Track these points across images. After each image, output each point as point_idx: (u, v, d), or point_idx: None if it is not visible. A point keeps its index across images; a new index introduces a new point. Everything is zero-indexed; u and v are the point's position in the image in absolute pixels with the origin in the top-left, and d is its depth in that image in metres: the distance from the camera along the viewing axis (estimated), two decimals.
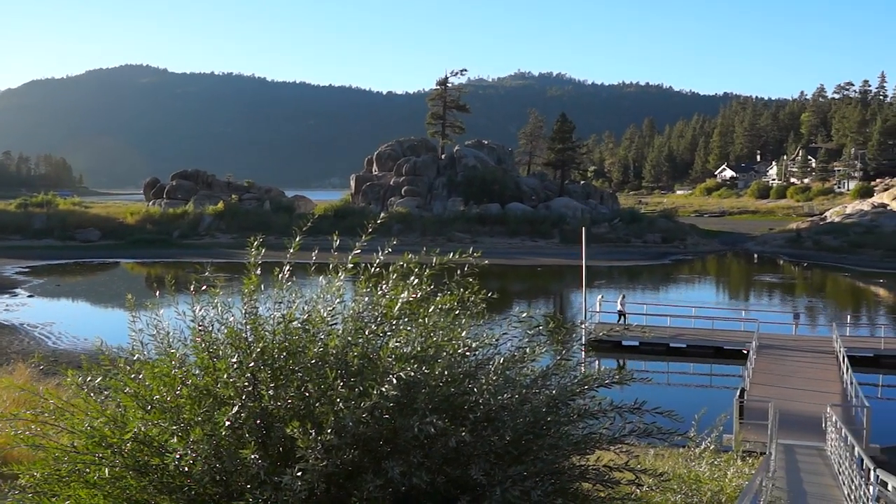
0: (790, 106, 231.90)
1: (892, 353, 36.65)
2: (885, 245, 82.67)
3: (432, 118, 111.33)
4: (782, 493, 15.01)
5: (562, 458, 6.22)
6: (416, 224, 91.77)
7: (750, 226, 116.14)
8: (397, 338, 6.30)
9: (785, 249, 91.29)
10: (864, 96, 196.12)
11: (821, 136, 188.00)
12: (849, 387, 27.83)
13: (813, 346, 37.32)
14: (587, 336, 30.22)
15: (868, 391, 28.38)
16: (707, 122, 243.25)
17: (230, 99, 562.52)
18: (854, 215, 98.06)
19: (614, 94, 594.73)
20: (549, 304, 59.48)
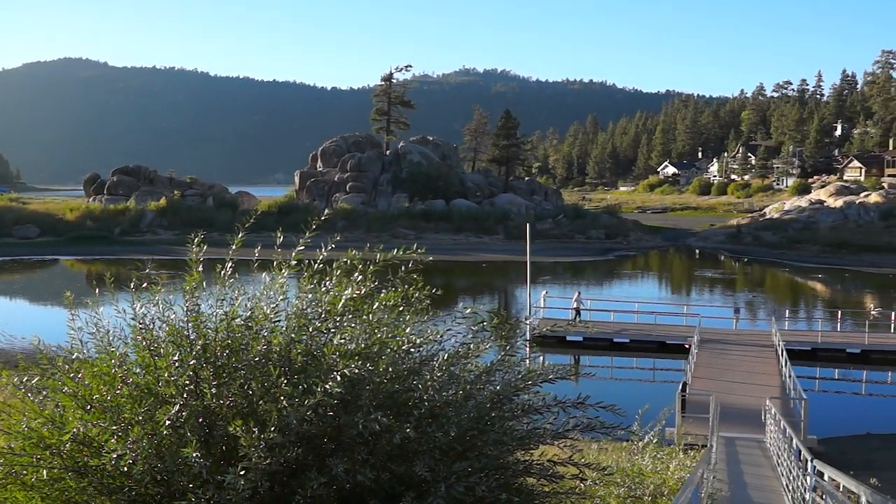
0: (731, 104, 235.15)
1: (829, 346, 37.40)
2: (821, 241, 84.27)
3: (377, 114, 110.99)
4: (723, 485, 15.22)
5: (506, 454, 6.25)
6: (360, 220, 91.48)
7: (692, 222, 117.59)
8: (341, 335, 6.27)
9: (726, 245, 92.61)
10: (801, 95, 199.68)
11: (760, 134, 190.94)
12: (787, 380, 28.33)
13: (753, 340, 37.94)
14: (532, 332, 30.41)
15: (806, 384, 28.91)
16: (650, 119, 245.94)
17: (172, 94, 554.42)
18: (792, 212, 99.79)
19: (559, 91, 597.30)
20: (494, 300, 59.69)
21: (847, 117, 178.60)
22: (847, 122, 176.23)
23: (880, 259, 75.61)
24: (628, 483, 10.65)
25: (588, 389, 7.04)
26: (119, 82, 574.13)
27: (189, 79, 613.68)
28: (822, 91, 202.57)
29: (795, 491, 14.16)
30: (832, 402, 32.08)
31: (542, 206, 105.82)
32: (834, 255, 79.03)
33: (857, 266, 73.87)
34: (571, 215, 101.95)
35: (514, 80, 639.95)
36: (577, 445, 7.03)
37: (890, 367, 36.31)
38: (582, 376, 6.96)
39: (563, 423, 6.56)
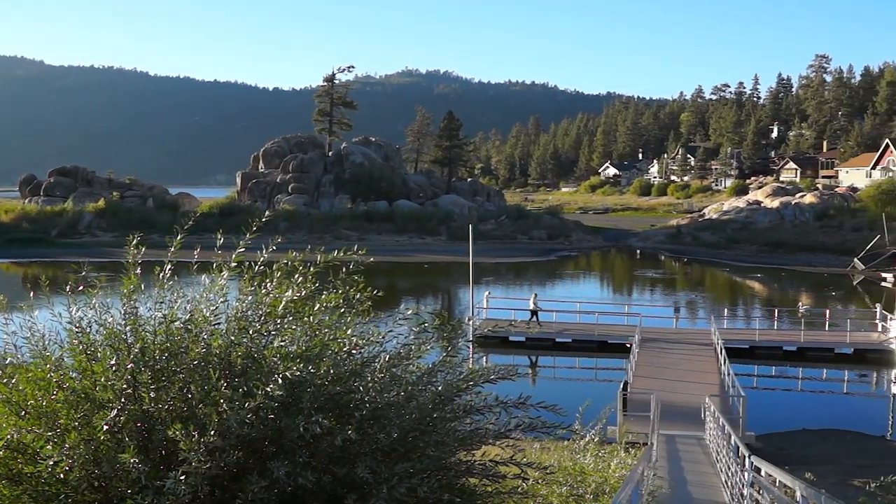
0: (670, 106, 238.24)
1: (766, 344, 38.06)
2: (759, 241, 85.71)
3: (319, 115, 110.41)
4: (664, 482, 15.40)
5: (448, 454, 6.26)
6: (303, 222, 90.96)
7: (632, 222, 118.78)
8: (282, 337, 6.23)
9: (666, 245, 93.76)
10: (739, 98, 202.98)
11: (699, 136, 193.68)
12: (726, 377, 28.75)
13: (692, 339, 38.47)
14: (474, 332, 30.48)
15: (744, 381, 29.34)
16: (591, 120, 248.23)
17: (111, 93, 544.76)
18: (731, 212, 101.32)
19: (501, 93, 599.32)
20: (437, 300, 59.73)
21: (783, 120, 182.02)
22: (783, 125, 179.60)
23: (815, 258, 77.12)
24: (570, 482, 10.71)
25: (531, 389, 7.09)
26: (56, 81, 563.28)
27: (128, 78, 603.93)
28: (758, 94, 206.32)
29: (734, 487, 14.38)
30: (770, 398, 32.63)
31: (485, 207, 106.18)
32: (771, 255, 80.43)
33: (793, 265, 75.25)
34: (514, 216, 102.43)
35: (457, 82, 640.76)
36: (519, 445, 7.07)
37: (825, 364, 37.05)
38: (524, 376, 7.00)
39: (504, 423, 6.60)
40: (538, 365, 37.46)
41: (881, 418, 29.65)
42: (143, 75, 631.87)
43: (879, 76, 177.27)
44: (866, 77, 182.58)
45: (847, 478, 20.52)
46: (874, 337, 39.01)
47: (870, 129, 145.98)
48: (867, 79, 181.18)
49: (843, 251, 76.63)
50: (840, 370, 36.65)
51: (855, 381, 35.74)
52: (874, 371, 36.39)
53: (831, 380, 36.21)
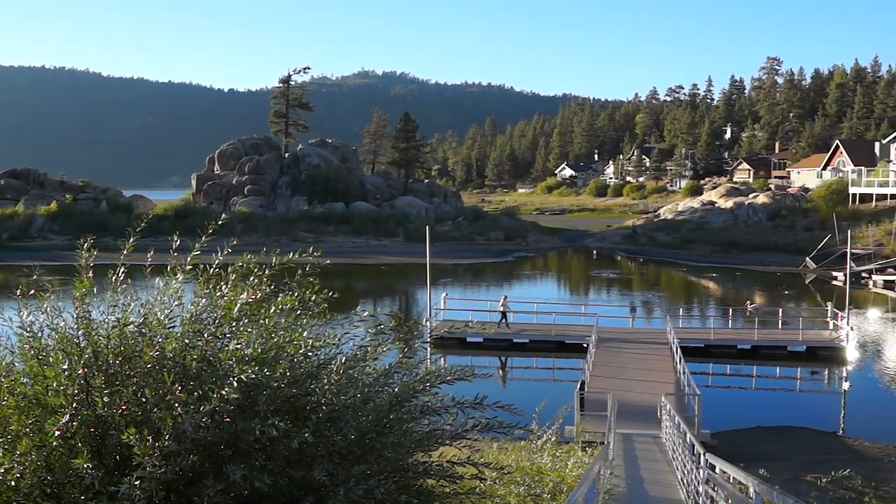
0: (625, 107, 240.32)
1: (721, 343, 38.52)
2: (713, 241, 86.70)
3: (275, 116, 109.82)
4: (620, 481, 15.52)
5: (405, 456, 6.25)
6: (259, 224, 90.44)
7: (589, 223, 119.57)
8: (237, 340, 6.19)
9: (622, 246, 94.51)
10: (693, 99, 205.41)
11: (654, 137, 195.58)
12: (682, 376, 29.05)
13: (649, 339, 38.83)
14: (432, 333, 30.48)
15: (699, 380, 29.68)
16: (547, 122, 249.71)
17: (63, 94, 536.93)
18: (685, 212, 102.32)
19: (457, 94, 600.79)
20: (395, 302, 59.67)
21: (736, 121, 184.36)
22: (736, 126, 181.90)
23: (768, 258, 78.15)
24: (528, 482, 10.77)
25: (488, 390, 7.10)
26: (6, 81, 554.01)
27: (80, 79, 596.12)
28: (712, 95, 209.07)
29: (690, 484, 14.53)
30: (725, 396, 33.03)
31: (442, 209, 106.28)
32: (725, 255, 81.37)
33: (747, 265, 76.18)
34: (471, 217, 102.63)
35: (413, 83, 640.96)
36: (476, 445, 7.08)
37: (778, 361, 37.58)
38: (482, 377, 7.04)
39: (461, 423, 6.60)
40: (496, 366, 37.56)
41: (833, 414, 30.12)
42: (95, 76, 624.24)
43: (829, 78, 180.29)
44: (816, 79, 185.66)
45: (800, 473, 20.82)
46: (826, 335, 39.62)
47: (820, 130, 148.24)
48: (817, 81, 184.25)
49: (796, 251, 77.73)
50: (793, 368, 37.19)
51: (807, 379, 36.27)
52: (826, 368, 36.96)
53: (784, 377, 36.73)
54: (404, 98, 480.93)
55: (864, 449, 24.32)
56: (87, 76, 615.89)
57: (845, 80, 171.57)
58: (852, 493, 19.28)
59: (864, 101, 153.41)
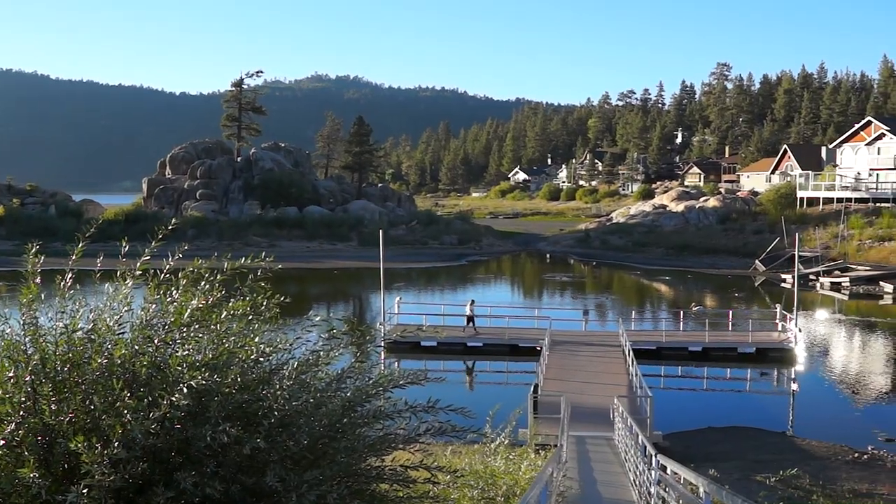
0: (578, 112, 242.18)
1: (673, 345, 38.88)
2: (665, 244, 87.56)
3: (227, 120, 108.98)
4: (573, 483, 15.60)
5: (358, 460, 6.25)
6: (211, 228, 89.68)
7: (542, 226, 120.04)
8: (188, 345, 6.14)
9: (575, 249, 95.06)
10: (644, 104, 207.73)
11: (606, 141, 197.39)
12: (634, 378, 29.27)
13: (601, 341, 39.05)
14: (385, 338, 30.47)
15: (651, 382, 29.88)
16: (501, 126, 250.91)
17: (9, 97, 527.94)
18: (637, 216, 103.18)
19: (411, 98, 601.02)
20: (349, 306, 59.46)
21: (687, 126, 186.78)
22: (687, 130, 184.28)
23: (718, 260, 79.04)
24: (481, 485, 10.80)
25: (443, 394, 7.12)
26: None
27: (28, 81, 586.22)
28: (663, 100, 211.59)
29: (642, 485, 14.64)
30: (676, 398, 33.33)
31: (396, 213, 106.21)
32: (677, 258, 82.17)
33: (698, 267, 76.96)
34: (425, 221, 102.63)
35: (367, 87, 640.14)
36: (429, 449, 7.09)
37: (728, 363, 38.03)
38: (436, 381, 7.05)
39: (414, 427, 6.61)
40: (450, 369, 37.57)
41: (782, 414, 30.55)
42: (43, 79, 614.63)
43: (777, 84, 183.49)
44: (765, 85, 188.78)
45: (750, 473, 21.08)
46: (775, 336, 40.19)
47: (769, 135, 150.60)
48: (766, 87, 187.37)
49: (745, 253, 78.75)
50: (743, 369, 37.64)
51: (757, 380, 36.72)
52: (775, 369, 37.45)
53: (735, 378, 37.16)
54: (358, 102, 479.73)
55: (812, 448, 24.69)
56: (34, 79, 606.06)
57: (793, 86, 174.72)
58: (800, 491, 19.57)
59: (811, 107, 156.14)
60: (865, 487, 20.19)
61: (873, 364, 39.57)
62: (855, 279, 64.10)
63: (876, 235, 74.36)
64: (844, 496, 19.21)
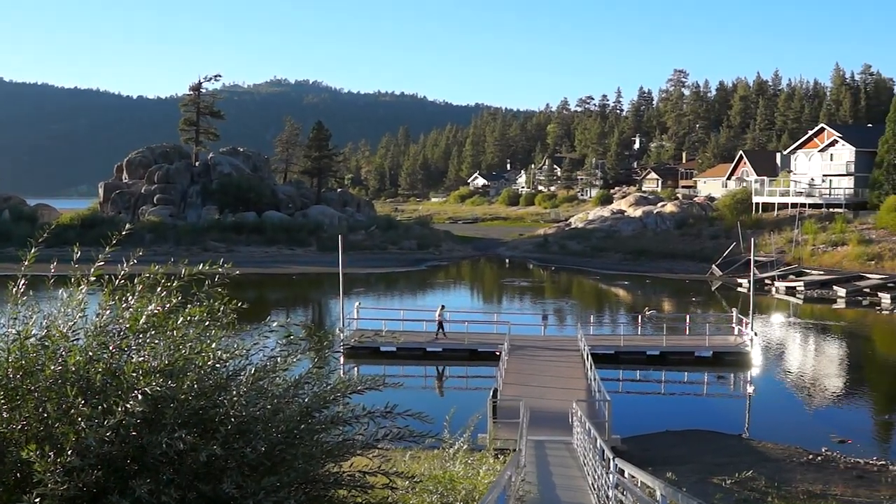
0: (537, 117, 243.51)
1: (630, 349, 39.17)
2: (623, 248, 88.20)
3: (185, 124, 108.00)
4: (532, 487, 15.64)
5: (316, 467, 6.22)
6: (169, 233, 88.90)
7: (501, 231, 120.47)
8: (144, 352, 6.07)
9: (534, 254, 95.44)
10: (603, 110, 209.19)
11: (565, 147, 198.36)
12: (592, 383, 29.46)
13: (560, 346, 39.25)
14: (344, 343, 30.37)
15: (610, 386, 30.09)
16: (460, 131, 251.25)
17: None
18: (596, 221, 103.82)
19: (370, 103, 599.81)
20: (308, 312, 59.21)
21: (644, 131, 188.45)
22: (644, 136, 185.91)
23: (676, 265, 79.75)
24: (440, 490, 10.78)
25: (402, 399, 7.11)
26: None
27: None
28: (621, 106, 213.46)
29: (600, 489, 14.71)
30: (634, 402, 33.59)
31: (355, 218, 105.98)
32: (635, 262, 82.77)
33: (656, 272, 77.62)
34: (384, 226, 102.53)
35: (326, 91, 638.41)
36: (388, 455, 7.08)
37: (686, 367, 38.37)
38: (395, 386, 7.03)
39: (372, 433, 6.60)
40: (409, 375, 37.53)
41: (738, 418, 30.88)
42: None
43: (733, 91, 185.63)
44: (721, 92, 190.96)
45: (707, 476, 21.28)
46: (731, 340, 40.63)
47: (725, 141, 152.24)
48: (722, 93, 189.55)
49: (702, 258, 79.53)
50: (700, 373, 38.00)
51: (714, 383, 37.11)
52: (732, 373, 37.85)
53: (692, 382, 37.55)
54: (317, 107, 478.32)
55: (767, 450, 24.99)
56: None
57: (748, 93, 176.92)
58: (756, 493, 19.79)
59: (766, 114, 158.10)
60: (819, 488, 20.47)
61: (827, 367, 40.17)
62: (809, 283, 65.02)
63: (829, 240, 75.50)
64: (799, 497, 19.46)
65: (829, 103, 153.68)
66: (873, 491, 20.42)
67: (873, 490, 20.51)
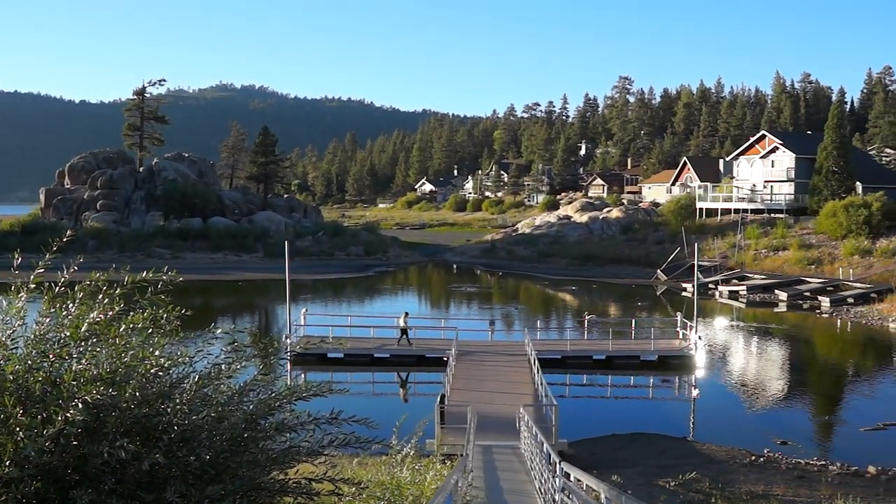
0: (484, 123, 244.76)
1: (577, 353, 39.45)
2: (570, 254, 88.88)
3: (129, 129, 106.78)
4: (479, 492, 15.68)
5: (261, 474, 6.18)
6: (113, 240, 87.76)
7: (449, 237, 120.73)
8: (85, 360, 5.99)
9: (481, 260, 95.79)
10: (549, 116, 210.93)
11: (512, 153, 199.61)
12: (539, 387, 29.63)
13: (507, 351, 39.44)
14: (291, 350, 30.27)
15: (557, 390, 30.31)
16: (407, 137, 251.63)
17: None
18: (542, 226, 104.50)
19: (317, 109, 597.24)
20: (254, 319, 58.79)
21: (590, 138, 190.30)
22: (590, 143, 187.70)
23: (621, 270, 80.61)
24: (387, 496, 10.78)
25: (350, 405, 7.10)
26: None
27: None
28: (567, 113, 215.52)
29: (547, 493, 14.81)
30: (581, 406, 33.88)
31: (302, 224, 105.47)
32: (581, 268, 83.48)
33: (602, 277, 78.35)
34: (331, 232, 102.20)
35: (273, 97, 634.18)
36: (335, 461, 7.05)
37: (631, 371, 38.77)
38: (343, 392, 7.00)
39: (318, 440, 6.58)
40: (357, 381, 37.43)
41: (683, 420, 31.28)
42: None
43: (677, 98, 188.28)
44: (665, 99, 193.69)
45: (652, 478, 21.54)
46: (676, 344, 41.14)
47: (669, 147, 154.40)
48: (666, 100, 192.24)
49: (648, 263, 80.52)
50: (646, 376, 38.43)
51: (659, 387, 37.53)
52: (676, 376, 38.36)
53: (638, 386, 37.94)
54: (263, 112, 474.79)
55: (711, 452, 25.35)
56: None
57: (692, 100, 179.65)
58: (700, 494, 20.07)
59: (709, 121, 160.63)
60: (762, 489, 20.82)
61: (769, 369, 40.87)
62: (751, 287, 66.10)
63: (771, 245, 76.91)
64: (742, 498, 19.76)
65: (770, 111, 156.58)
66: (814, 490, 20.82)
67: (814, 490, 20.91)
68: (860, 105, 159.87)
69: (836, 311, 56.64)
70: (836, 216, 73.90)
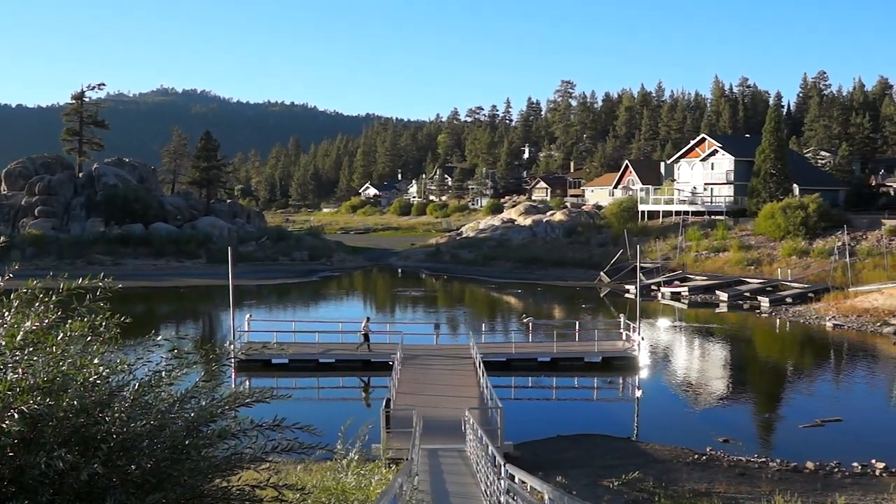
0: (428, 128, 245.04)
1: (522, 356, 39.67)
2: (514, 257, 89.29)
3: (68, 134, 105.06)
4: (425, 495, 15.69)
5: (203, 482, 6.13)
6: (51, 247, 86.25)
7: (393, 241, 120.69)
8: (20, 369, 5.89)
9: (426, 263, 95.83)
10: (492, 120, 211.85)
11: (456, 157, 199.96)
12: (485, 390, 29.71)
13: (453, 354, 39.47)
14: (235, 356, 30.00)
15: (502, 393, 30.41)
16: (351, 141, 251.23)
17: None
18: (487, 230, 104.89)
19: (260, 113, 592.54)
20: (198, 325, 58.17)
21: (533, 141, 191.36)
22: (534, 146, 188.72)
23: (565, 272, 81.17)
24: (332, 501, 10.76)
25: (295, 411, 7.07)
26: None
27: None
28: (510, 117, 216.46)
29: (492, 495, 14.86)
30: (526, 408, 34.03)
31: (245, 229, 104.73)
32: (525, 270, 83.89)
33: (547, 280, 78.81)
34: (275, 237, 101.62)
35: (214, 101, 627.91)
36: (279, 468, 7.03)
37: (576, 372, 39.11)
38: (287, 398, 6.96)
39: (262, 446, 6.54)
40: (302, 387, 37.24)
41: (627, 420, 31.59)
42: None
43: (618, 102, 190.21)
44: (607, 102, 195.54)
45: (597, 479, 21.73)
46: (619, 345, 41.53)
47: (611, 150, 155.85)
48: (608, 104, 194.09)
49: (591, 265, 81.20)
50: (590, 378, 38.79)
51: (603, 388, 37.85)
52: (620, 377, 38.71)
53: (583, 387, 38.29)
54: (205, 116, 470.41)
55: (655, 452, 25.65)
56: None
57: (633, 104, 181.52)
58: (644, 494, 20.30)
59: (650, 124, 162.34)
60: (704, 487, 21.12)
61: (711, 369, 41.49)
62: (693, 289, 67.03)
63: (711, 247, 78.06)
64: (685, 496, 20.03)
65: (709, 114, 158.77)
66: (754, 487, 21.19)
67: (755, 486, 21.27)
68: (796, 109, 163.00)
69: (776, 310, 57.65)
70: (775, 218, 75.23)
